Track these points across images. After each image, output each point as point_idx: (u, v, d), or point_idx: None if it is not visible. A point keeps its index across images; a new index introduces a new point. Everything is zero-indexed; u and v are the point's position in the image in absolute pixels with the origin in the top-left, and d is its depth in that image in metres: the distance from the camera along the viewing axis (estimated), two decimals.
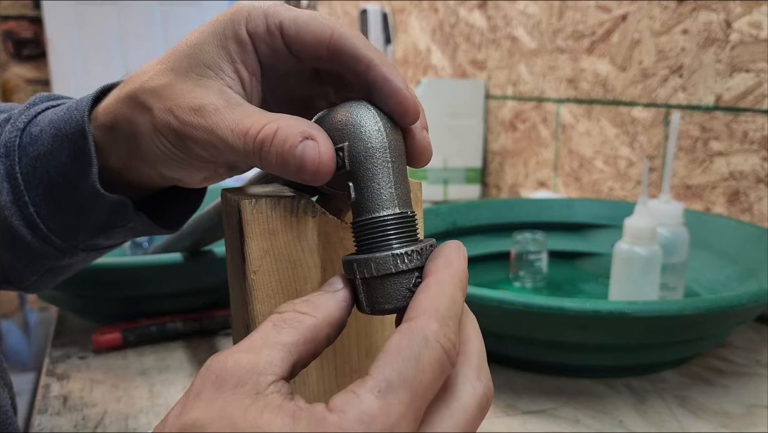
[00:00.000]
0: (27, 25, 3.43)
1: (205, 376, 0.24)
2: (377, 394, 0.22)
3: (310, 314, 0.27)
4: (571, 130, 1.10)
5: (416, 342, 0.24)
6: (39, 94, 0.42)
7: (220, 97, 0.32)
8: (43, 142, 0.38)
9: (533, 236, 0.79)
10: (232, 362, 0.24)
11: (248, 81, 0.33)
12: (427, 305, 0.25)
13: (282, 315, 0.26)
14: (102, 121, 0.36)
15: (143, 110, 0.33)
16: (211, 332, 0.70)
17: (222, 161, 0.33)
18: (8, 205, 0.38)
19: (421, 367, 0.23)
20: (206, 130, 0.31)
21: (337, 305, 0.28)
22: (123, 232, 0.41)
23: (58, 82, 3.36)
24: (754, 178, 0.79)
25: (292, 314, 0.26)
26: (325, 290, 0.28)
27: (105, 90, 0.38)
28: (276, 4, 0.32)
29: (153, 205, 0.43)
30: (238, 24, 0.32)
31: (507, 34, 1.24)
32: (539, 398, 0.55)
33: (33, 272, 0.41)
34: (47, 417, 0.53)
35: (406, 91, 0.30)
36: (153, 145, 0.34)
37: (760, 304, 0.52)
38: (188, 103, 0.32)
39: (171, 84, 0.32)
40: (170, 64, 0.33)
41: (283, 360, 0.25)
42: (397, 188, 0.29)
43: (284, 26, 0.31)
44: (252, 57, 0.32)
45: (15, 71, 3.46)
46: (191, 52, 0.33)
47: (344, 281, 0.29)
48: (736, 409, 0.53)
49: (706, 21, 0.83)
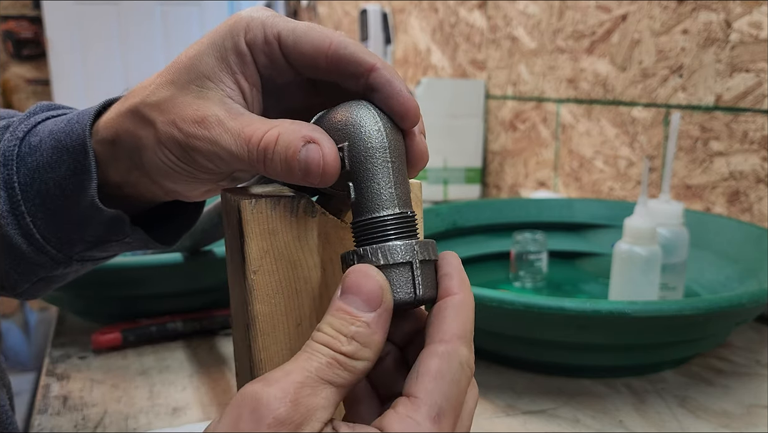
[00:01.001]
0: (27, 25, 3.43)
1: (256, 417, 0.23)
2: (434, 420, 0.24)
3: (367, 359, 0.26)
4: (571, 130, 1.10)
5: (455, 367, 0.26)
6: (40, 103, 0.42)
7: (222, 108, 0.32)
8: (42, 153, 0.38)
9: (533, 236, 0.79)
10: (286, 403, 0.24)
11: (248, 92, 0.33)
12: (458, 329, 0.27)
13: (337, 357, 0.25)
14: (103, 136, 0.36)
15: (146, 124, 0.34)
16: (211, 332, 0.70)
17: (226, 172, 0.34)
18: (4, 214, 0.37)
19: (460, 390, 0.26)
20: (210, 141, 0.31)
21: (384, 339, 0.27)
22: (119, 246, 0.41)
23: (58, 82, 3.36)
24: (754, 178, 0.79)
25: (343, 357, 0.25)
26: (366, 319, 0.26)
27: (106, 104, 0.38)
28: (274, 14, 0.33)
29: (149, 220, 0.43)
30: (237, 35, 0.32)
31: (507, 34, 1.24)
32: (539, 398, 0.55)
33: (26, 279, 0.41)
34: (47, 417, 0.53)
35: (408, 93, 0.30)
36: (157, 158, 0.34)
37: (760, 304, 0.52)
38: (191, 115, 0.32)
39: (173, 97, 0.33)
40: (171, 77, 0.33)
41: (334, 404, 0.25)
42: (397, 188, 0.29)
43: (282, 36, 0.32)
44: (251, 68, 0.33)
45: (15, 71, 3.46)
46: (191, 64, 0.33)
47: None
48: (736, 409, 0.53)
49: (706, 21, 0.83)
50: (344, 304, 0.26)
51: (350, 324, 0.26)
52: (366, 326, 0.26)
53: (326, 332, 0.26)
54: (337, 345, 0.25)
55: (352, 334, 0.26)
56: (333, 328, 0.26)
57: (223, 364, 0.63)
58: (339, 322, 0.26)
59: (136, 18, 3.48)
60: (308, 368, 0.25)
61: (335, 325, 0.26)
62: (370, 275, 0.27)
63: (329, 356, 0.25)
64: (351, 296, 0.26)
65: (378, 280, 0.27)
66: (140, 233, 0.41)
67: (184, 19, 3.57)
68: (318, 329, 0.26)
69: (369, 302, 0.26)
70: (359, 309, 0.26)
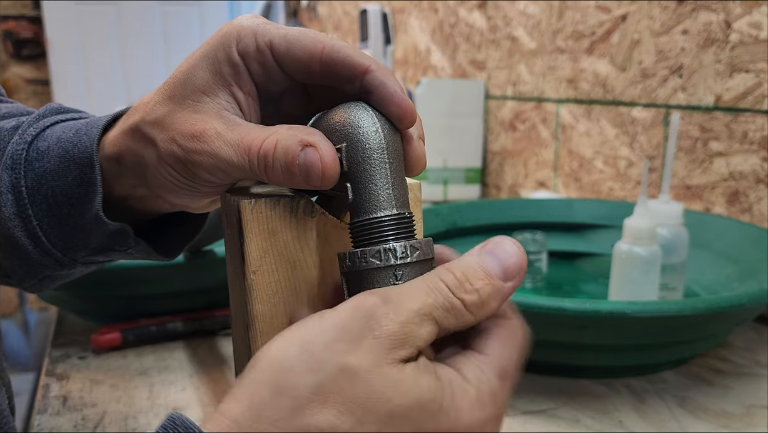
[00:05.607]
0: (27, 25, 3.43)
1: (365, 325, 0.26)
2: (499, 376, 0.27)
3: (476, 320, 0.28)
4: (571, 131, 1.10)
5: (519, 337, 0.29)
6: (49, 105, 0.42)
7: (219, 121, 0.32)
8: (49, 160, 0.38)
9: (533, 236, 0.79)
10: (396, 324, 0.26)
11: (245, 101, 0.33)
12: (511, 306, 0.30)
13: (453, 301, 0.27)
14: (109, 153, 0.37)
15: (147, 143, 0.34)
16: (211, 332, 0.70)
17: (228, 183, 0.34)
18: (11, 216, 0.38)
19: (518, 360, 0.29)
20: (211, 154, 0.32)
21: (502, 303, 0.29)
22: (121, 255, 0.42)
23: (58, 82, 3.36)
24: (754, 178, 0.79)
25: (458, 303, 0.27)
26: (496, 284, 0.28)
27: (115, 117, 0.38)
28: (266, 22, 0.33)
29: (152, 231, 0.43)
30: (229, 46, 0.32)
31: (507, 35, 1.24)
32: (539, 398, 0.55)
33: (32, 276, 0.42)
34: (47, 417, 0.53)
35: (403, 94, 0.30)
36: (160, 175, 0.34)
37: (760, 304, 0.52)
38: (189, 130, 0.32)
39: (171, 113, 0.33)
40: (168, 93, 0.33)
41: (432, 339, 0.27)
42: (395, 189, 0.29)
43: (274, 44, 0.32)
44: (246, 77, 0.33)
45: (15, 71, 3.46)
46: (185, 78, 0.33)
47: None
48: (736, 409, 0.53)
49: (706, 21, 0.83)
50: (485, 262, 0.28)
51: (480, 279, 0.27)
52: (493, 289, 0.27)
53: (457, 275, 0.27)
54: (461, 291, 0.27)
55: (478, 288, 0.27)
56: (465, 275, 0.27)
57: (223, 364, 0.63)
58: (473, 272, 0.27)
59: (136, 18, 3.48)
60: (426, 301, 0.26)
61: (468, 274, 0.27)
62: (520, 251, 0.28)
63: (448, 299, 0.27)
64: (495, 258, 0.28)
65: (523, 258, 0.28)
66: (143, 244, 0.41)
67: (184, 19, 3.57)
68: (448, 269, 0.27)
69: (507, 272, 0.28)
70: (495, 273, 0.28)
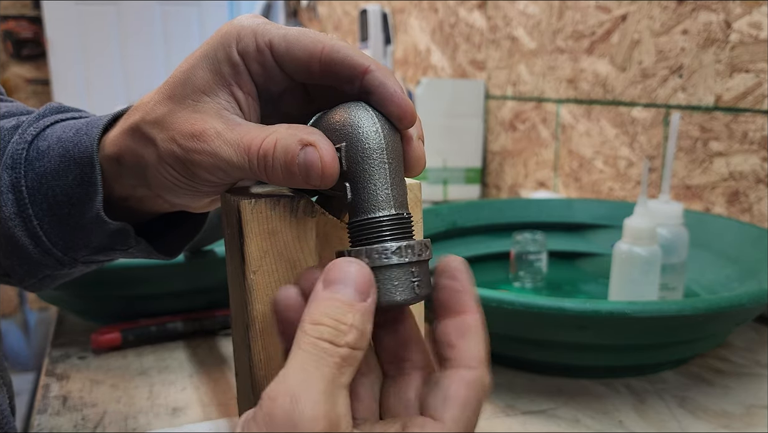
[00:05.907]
0: (27, 25, 3.43)
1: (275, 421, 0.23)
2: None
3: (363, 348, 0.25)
4: (571, 131, 1.10)
5: (480, 396, 0.28)
6: (49, 104, 0.42)
7: (219, 120, 0.32)
8: (50, 160, 0.38)
9: (533, 236, 0.79)
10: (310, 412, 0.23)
11: (244, 101, 0.33)
12: (480, 353, 0.28)
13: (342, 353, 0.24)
14: (109, 153, 0.37)
15: (147, 143, 0.34)
16: (211, 332, 0.70)
17: (228, 183, 0.34)
18: (12, 216, 0.38)
19: (479, 414, 0.28)
20: (210, 154, 0.32)
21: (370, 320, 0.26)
22: (122, 254, 0.42)
23: (58, 82, 3.36)
24: (754, 178, 0.79)
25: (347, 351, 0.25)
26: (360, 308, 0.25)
27: (116, 116, 0.38)
28: (266, 22, 0.33)
29: (153, 231, 0.43)
30: (229, 46, 0.32)
31: (507, 35, 1.24)
32: (539, 398, 0.55)
33: (32, 276, 0.42)
34: (47, 417, 0.53)
35: (403, 94, 0.30)
36: (160, 175, 0.34)
37: (760, 304, 0.52)
38: (189, 130, 0.32)
39: (171, 113, 0.33)
40: (167, 92, 0.33)
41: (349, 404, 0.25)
42: (394, 189, 0.29)
43: (274, 43, 0.32)
44: (245, 77, 0.33)
45: (15, 71, 3.45)
46: (185, 78, 0.33)
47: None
48: (736, 409, 0.53)
49: (706, 21, 0.83)
50: (335, 294, 0.25)
51: (347, 312, 0.25)
52: (362, 315, 0.25)
53: (326, 323, 0.25)
54: (341, 337, 0.24)
55: (353, 322, 0.25)
56: (331, 318, 0.25)
57: (223, 364, 0.63)
58: (336, 310, 0.25)
59: (136, 18, 3.48)
60: (325, 375, 0.24)
61: (333, 314, 0.25)
62: (359, 264, 0.26)
63: (336, 355, 0.24)
64: (343, 285, 0.25)
65: (366, 270, 0.26)
66: (144, 244, 0.41)
67: (184, 19, 3.57)
68: (314, 321, 0.25)
69: (361, 291, 0.26)
70: (354, 298, 0.25)
